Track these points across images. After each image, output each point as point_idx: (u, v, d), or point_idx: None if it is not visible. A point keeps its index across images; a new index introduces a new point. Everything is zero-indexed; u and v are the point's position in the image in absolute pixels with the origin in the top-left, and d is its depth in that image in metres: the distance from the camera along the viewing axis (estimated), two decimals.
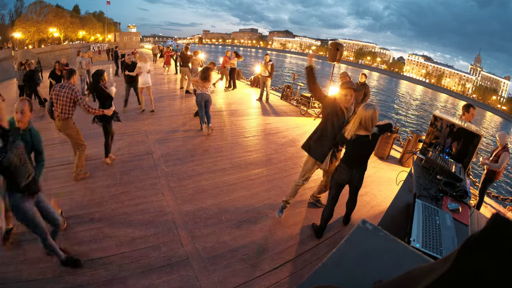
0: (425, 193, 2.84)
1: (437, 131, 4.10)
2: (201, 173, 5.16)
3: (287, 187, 4.86)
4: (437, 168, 3.37)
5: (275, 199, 4.50)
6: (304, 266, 3.26)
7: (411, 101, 57.45)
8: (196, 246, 3.46)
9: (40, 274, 3.07)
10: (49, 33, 62.22)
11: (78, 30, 72.84)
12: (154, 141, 6.59)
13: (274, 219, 4.08)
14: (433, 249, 2.05)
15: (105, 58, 27.05)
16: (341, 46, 8.59)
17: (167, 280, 3.01)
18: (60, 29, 64.70)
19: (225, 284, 2.99)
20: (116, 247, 3.41)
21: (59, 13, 65.71)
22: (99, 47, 37.50)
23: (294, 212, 4.25)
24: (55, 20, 63.39)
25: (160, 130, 7.32)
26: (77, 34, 72.12)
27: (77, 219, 3.95)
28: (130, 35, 53.09)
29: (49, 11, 63.17)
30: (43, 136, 3.33)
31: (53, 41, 62.21)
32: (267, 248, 3.51)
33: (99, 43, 50.95)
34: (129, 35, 53.10)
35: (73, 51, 17.17)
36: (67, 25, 66.88)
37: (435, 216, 2.43)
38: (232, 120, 8.50)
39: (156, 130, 7.31)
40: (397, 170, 5.68)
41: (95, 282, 2.98)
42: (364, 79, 8.30)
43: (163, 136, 6.99)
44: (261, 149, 6.49)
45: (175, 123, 7.91)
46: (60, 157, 5.82)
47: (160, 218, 3.95)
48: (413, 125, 33.02)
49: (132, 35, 53.66)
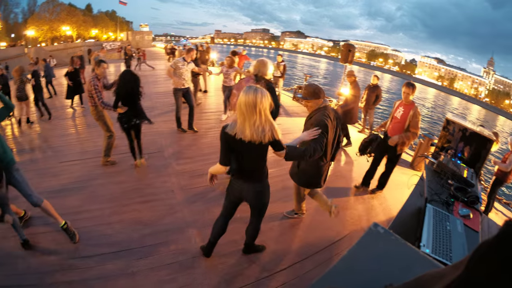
0: (436, 198, 2.81)
1: (450, 135, 4.07)
2: None
3: None
4: (448, 172, 3.33)
5: (286, 200, 4.46)
6: (313, 268, 3.24)
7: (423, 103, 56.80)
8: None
9: (49, 266, 3.15)
10: (62, 31, 63.13)
11: (90, 28, 73.78)
12: (165, 139, 6.65)
13: (285, 220, 4.07)
14: (443, 255, 2.04)
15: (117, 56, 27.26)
16: (353, 47, 8.55)
17: (175, 277, 3.04)
18: (73, 27, 65.62)
19: (232, 283, 3.00)
20: (125, 243, 3.46)
21: (72, 12, 66.66)
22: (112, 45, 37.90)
23: (305, 215, 4.22)
24: (68, 18, 64.33)
25: (172, 128, 7.35)
26: (89, 32, 73.05)
27: (88, 214, 4.03)
28: (142, 34, 53.42)
29: (62, 9, 64.17)
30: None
31: (66, 39, 63.10)
32: (276, 249, 3.50)
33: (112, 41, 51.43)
34: (141, 34, 53.43)
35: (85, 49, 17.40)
36: (79, 23, 67.79)
37: (445, 222, 2.41)
38: None
39: (168, 128, 7.37)
40: (408, 173, 5.62)
41: (103, 276, 3.04)
42: (376, 81, 8.22)
43: (175, 134, 7.05)
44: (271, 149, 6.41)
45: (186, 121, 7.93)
46: (76, 152, 6.00)
47: (170, 216, 3.99)
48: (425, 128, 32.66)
49: (144, 34, 53.98)
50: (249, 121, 2.37)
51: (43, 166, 5.41)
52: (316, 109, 3.15)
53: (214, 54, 20.35)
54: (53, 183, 4.74)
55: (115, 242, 3.49)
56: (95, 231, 3.68)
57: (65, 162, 5.57)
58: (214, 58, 19.28)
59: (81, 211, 4.07)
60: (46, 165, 5.47)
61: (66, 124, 8.19)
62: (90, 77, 4.93)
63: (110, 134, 5.25)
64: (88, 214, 4.02)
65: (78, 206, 4.18)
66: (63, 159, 5.69)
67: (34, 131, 7.51)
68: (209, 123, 7.94)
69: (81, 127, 7.91)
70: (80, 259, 3.25)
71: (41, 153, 6.17)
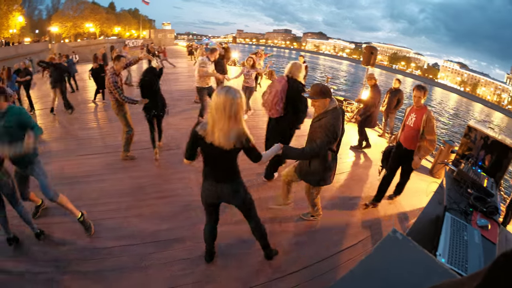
0: (454, 207, 2.75)
1: (471, 142, 3.97)
2: None
3: None
4: (468, 181, 3.24)
5: (300, 201, 4.42)
6: (326, 271, 3.21)
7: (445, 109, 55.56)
8: (220, 243, 3.46)
9: (64, 255, 3.24)
10: (85, 28, 64.56)
11: (113, 26, 75.21)
12: (185, 136, 6.65)
13: (300, 222, 4.04)
14: (459, 266, 2.00)
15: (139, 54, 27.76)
16: (376, 50, 8.43)
17: (188, 273, 3.08)
18: (96, 25, 67.03)
19: (245, 282, 3.01)
20: (140, 237, 3.52)
21: (95, 10, 68.14)
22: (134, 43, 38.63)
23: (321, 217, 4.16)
24: (91, 16, 65.77)
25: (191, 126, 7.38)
26: (112, 29, 74.46)
27: (104, 206, 4.13)
28: (164, 32, 54.31)
29: (85, 7, 65.62)
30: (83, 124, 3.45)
31: (89, 35, 64.51)
32: (290, 250, 3.49)
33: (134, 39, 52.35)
34: (164, 32, 54.32)
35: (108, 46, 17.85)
36: (102, 21, 69.19)
37: (463, 232, 2.35)
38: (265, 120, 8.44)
39: (189, 125, 7.40)
40: (426, 180, 5.51)
41: (118, 268, 3.11)
42: (398, 84, 8.06)
43: None
44: None
45: None
46: (96, 146, 6.17)
47: (187, 212, 4.02)
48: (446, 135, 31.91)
49: (166, 32, 54.89)
50: (218, 125, 2.26)
51: (63, 158, 5.57)
52: (324, 111, 3.10)
53: (235, 54, 20.45)
54: (72, 175, 4.88)
55: (130, 235, 3.57)
56: (111, 224, 3.78)
57: (85, 155, 5.75)
58: (235, 58, 19.35)
59: (98, 203, 4.19)
60: (66, 157, 5.63)
61: (88, 118, 8.41)
62: (109, 73, 5.01)
63: (129, 130, 5.36)
64: (105, 206, 4.12)
65: (96, 198, 4.31)
66: (83, 152, 5.87)
67: (56, 123, 7.75)
68: None
69: (102, 121, 8.11)
70: (95, 250, 3.34)
71: (62, 145, 6.35)
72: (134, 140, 5.64)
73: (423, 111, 4.01)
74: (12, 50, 30.12)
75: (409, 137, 4.15)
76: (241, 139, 2.33)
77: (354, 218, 4.24)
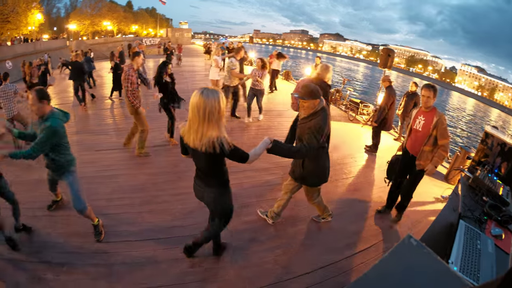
0: (469, 214, 2.71)
1: (488, 149, 3.89)
2: (245, 169, 5.13)
3: (330, 193, 4.79)
4: (483, 188, 3.18)
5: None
6: (336, 275, 3.20)
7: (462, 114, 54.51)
8: (231, 241, 3.52)
9: (77, 248, 3.32)
10: (103, 26, 65.45)
11: (131, 24, 76.08)
12: None
13: (313, 224, 4.03)
14: (470, 275, 1.97)
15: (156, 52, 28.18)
16: (393, 52, 8.34)
17: (198, 270, 3.11)
18: (114, 23, 67.85)
19: (254, 282, 3.02)
20: (153, 232, 3.58)
21: (113, 8, 69.00)
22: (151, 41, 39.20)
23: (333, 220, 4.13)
24: (109, 14, 66.58)
25: None
26: (130, 28, 75.36)
27: (119, 201, 4.21)
28: (181, 31, 54.86)
29: (103, 5, 66.42)
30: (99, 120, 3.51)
31: (107, 33, 65.42)
32: (302, 252, 3.49)
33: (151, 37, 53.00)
34: (181, 31, 54.86)
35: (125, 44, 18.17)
36: (120, 19, 70.00)
37: (476, 240, 2.31)
38: (279, 121, 8.50)
39: None
40: (441, 186, 5.42)
41: (128, 262, 3.17)
42: (415, 88, 7.94)
43: None
44: None
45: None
46: (111, 142, 6.30)
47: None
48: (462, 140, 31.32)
49: (183, 31, 55.41)
50: (192, 126, 2.22)
51: (79, 153, 5.67)
52: (313, 112, 3.05)
53: (252, 54, 20.48)
54: (88, 170, 4.99)
55: (143, 231, 3.63)
56: (124, 219, 3.85)
57: (101, 150, 5.88)
58: (252, 58, 19.35)
59: (112, 198, 4.28)
60: (84, 151, 5.77)
61: (104, 114, 8.60)
62: (126, 69, 5.07)
63: (143, 129, 5.43)
64: (119, 201, 4.21)
65: (110, 193, 4.40)
66: (99, 147, 6.00)
67: (74, 117, 7.89)
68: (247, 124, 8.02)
69: (118, 118, 8.27)
70: (107, 244, 3.41)
71: (80, 139, 6.50)
72: (149, 138, 5.72)
73: (432, 113, 3.69)
74: (31, 47, 30.92)
75: (416, 142, 3.84)
76: (215, 144, 2.20)
77: (366, 222, 4.21)
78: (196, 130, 2.20)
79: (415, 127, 3.85)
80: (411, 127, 3.94)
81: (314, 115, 3.03)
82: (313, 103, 3.02)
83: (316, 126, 2.95)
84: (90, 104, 9.55)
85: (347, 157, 6.33)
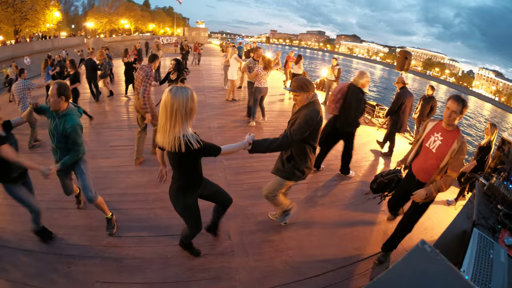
0: (482, 222, 2.66)
1: (504, 155, 3.82)
2: (259, 170, 5.21)
3: (343, 196, 4.77)
4: (499, 196, 3.12)
5: (330, 206, 4.43)
6: (346, 278, 3.18)
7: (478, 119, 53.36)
8: (243, 241, 3.53)
9: (89, 241, 3.40)
10: (120, 24, 66.48)
11: (148, 23, 77.19)
12: (216, 134, 6.84)
13: (325, 227, 4.00)
14: (482, 284, 1.94)
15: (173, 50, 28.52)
16: (410, 55, 8.22)
17: (207, 268, 3.14)
18: (131, 21, 68.90)
19: (264, 283, 3.02)
20: (165, 229, 3.63)
21: (130, 7, 70.16)
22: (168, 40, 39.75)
23: (345, 223, 4.14)
24: (126, 12, 67.66)
25: (224, 124, 7.58)
26: (147, 26, 76.43)
27: (132, 197, 4.29)
28: (198, 30, 55.64)
29: (120, 4, 67.57)
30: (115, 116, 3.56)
31: (124, 32, 66.41)
32: (313, 254, 3.47)
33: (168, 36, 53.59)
34: (198, 30, 55.65)
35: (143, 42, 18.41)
36: (137, 17, 71.08)
37: (489, 249, 2.28)
38: None
39: (219, 123, 7.60)
40: (456, 192, 5.33)
41: (139, 257, 3.23)
42: (431, 91, 7.78)
43: (226, 130, 7.22)
44: None
45: (239, 118, 8.08)
46: (127, 138, 6.39)
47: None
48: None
49: (200, 30, 56.18)
50: (161, 125, 2.24)
51: (95, 148, 5.83)
52: (305, 104, 3.03)
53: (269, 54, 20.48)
54: (103, 165, 5.13)
55: (155, 227, 3.68)
56: (137, 214, 3.92)
57: (116, 146, 6.01)
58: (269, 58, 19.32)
59: (126, 193, 4.37)
60: (98, 147, 5.91)
61: (120, 110, 8.74)
62: (144, 67, 5.11)
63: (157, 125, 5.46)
64: (132, 197, 4.30)
65: (124, 188, 4.50)
66: (114, 143, 6.14)
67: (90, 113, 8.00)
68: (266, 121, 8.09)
69: (133, 114, 8.35)
70: (119, 238, 3.48)
71: (96, 135, 6.66)
72: None
73: (454, 134, 2.85)
74: (49, 43, 31.81)
75: (427, 166, 3.03)
76: (181, 142, 2.20)
77: (377, 226, 4.16)
78: (162, 126, 2.23)
79: (428, 145, 3.03)
80: (422, 143, 3.14)
81: (305, 107, 3.02)
82: (306, 96, 3.02)
83: (306, 118, 2.92)
84: (107, 100, 9.78)
85: (361, 160, 6.28)
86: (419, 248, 0.89)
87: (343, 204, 4.52)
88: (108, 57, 11.32)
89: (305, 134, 2.96)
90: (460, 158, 2.77)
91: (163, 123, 2.21)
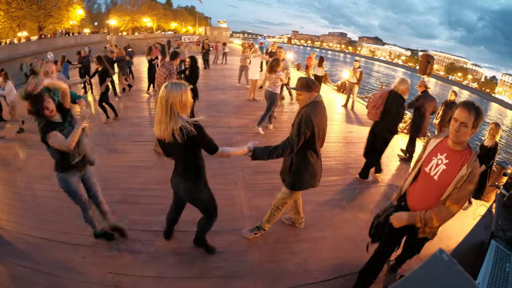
0: (501, 234, 2.60)
1: None
2: (277, 170, 5.15)
3: (362, 200, 4.74)
4: None
5: (348, 210, 4.40)
6: None
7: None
8: (257, 240, 3.55)
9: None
10: (143, 22, 67.44)
11: (170, 21, 78.09)
12: (236, 134, 6.88)
13: (341, 230, 3.96)
14: None
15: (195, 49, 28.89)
16: (432, 59, 8.05)
17: (221, 266, 3.17)
18: (153, 20, 69.84)
19: (276, 283, 3.02)
20: (180, 225, 3.61)
21: (152, 5, 71.08)
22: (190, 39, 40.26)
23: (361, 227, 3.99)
24: (148, 11, 68.61)
25: (245, 123, 7.63)
26: (169, 25, 77.32)
27: (149, 191, 4.39)
28: (220, 30, 55.83)
29: (143, 2, 68.47)
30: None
31: (146, 29, 67.35)
32: (327, 257, 3.44)
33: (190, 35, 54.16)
34: (219, 30, 55.85)
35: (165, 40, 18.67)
36: (160, 16, 72.00)
37: (506, 263, 2.23)
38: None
39: (240, 123, 7.67)
40: (474, 202, 5.17)
41: (153, 251, 3.30)
42: (454, 97, 7.52)
43: (244, 129, 7.26)
44: (340, 156, 6.34)
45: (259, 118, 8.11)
46: (148, 134, 6.46)
47: (229, 207, 4.08)
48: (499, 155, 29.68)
49: (222, 30, 56.37)
50: (158, 118, 2.39)
51: (115, 143, 6.00)
52: (306, 104, 2.98)
53: (290, 55, 20.44)
54: (122, 159, 5.27)
55: None
56: (154, 209, 3.98)
57: (136, 141, 6.16)
58: (290, 59, 19.26)
59: (145, 188, 4.47)
60: (119, 142, 6.08)
61: (142, 107, 8.97)
62: (166, 64, 5.24)
63: None
64: (150, 192, 4.39)
65: (143, 183, 4.61)
66: (135, 138, 6.28)
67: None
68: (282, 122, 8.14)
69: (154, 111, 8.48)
70: (134, 232, 3.52)
71: (118, 129, 6.84)
72: None
73: (465, 156, 2.12)
74: (71, 40, 32.94)
75: (426, 196, 2.35)
76: (178, 133, 2.32)
77: None
78: (159, 119, 2.37)
79: (428, 171, 2.31)
80: (421, 167, 2.42)
81: (306, 106, 2.98)
82: (309, 95, 2.96)
83: (305, 117, 2.86)
84: (128, 96, 10.06)
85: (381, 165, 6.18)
86: (437, 256, 0.90)
87: (359, 208, 4.47)
88: (128, 55, 11.51)
89: (305, 136, 2.87)
90: (468, 189, 2.09)
91: (160, 117, 2.36)
